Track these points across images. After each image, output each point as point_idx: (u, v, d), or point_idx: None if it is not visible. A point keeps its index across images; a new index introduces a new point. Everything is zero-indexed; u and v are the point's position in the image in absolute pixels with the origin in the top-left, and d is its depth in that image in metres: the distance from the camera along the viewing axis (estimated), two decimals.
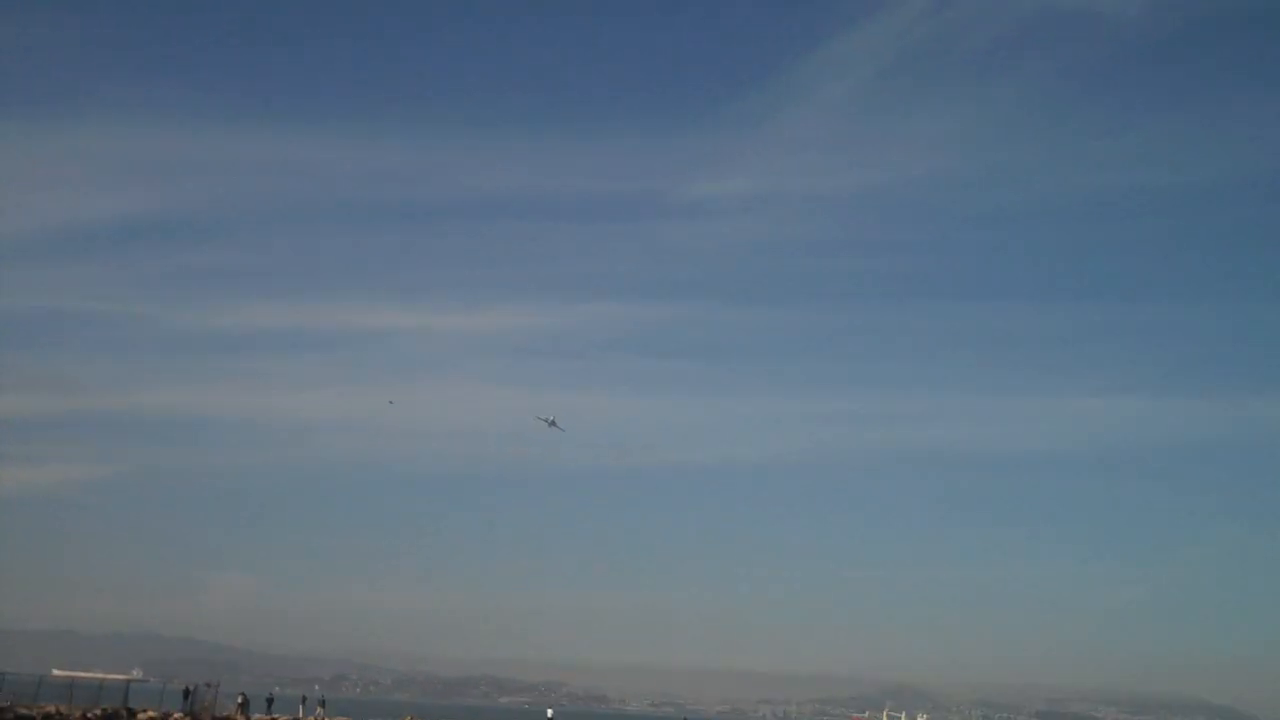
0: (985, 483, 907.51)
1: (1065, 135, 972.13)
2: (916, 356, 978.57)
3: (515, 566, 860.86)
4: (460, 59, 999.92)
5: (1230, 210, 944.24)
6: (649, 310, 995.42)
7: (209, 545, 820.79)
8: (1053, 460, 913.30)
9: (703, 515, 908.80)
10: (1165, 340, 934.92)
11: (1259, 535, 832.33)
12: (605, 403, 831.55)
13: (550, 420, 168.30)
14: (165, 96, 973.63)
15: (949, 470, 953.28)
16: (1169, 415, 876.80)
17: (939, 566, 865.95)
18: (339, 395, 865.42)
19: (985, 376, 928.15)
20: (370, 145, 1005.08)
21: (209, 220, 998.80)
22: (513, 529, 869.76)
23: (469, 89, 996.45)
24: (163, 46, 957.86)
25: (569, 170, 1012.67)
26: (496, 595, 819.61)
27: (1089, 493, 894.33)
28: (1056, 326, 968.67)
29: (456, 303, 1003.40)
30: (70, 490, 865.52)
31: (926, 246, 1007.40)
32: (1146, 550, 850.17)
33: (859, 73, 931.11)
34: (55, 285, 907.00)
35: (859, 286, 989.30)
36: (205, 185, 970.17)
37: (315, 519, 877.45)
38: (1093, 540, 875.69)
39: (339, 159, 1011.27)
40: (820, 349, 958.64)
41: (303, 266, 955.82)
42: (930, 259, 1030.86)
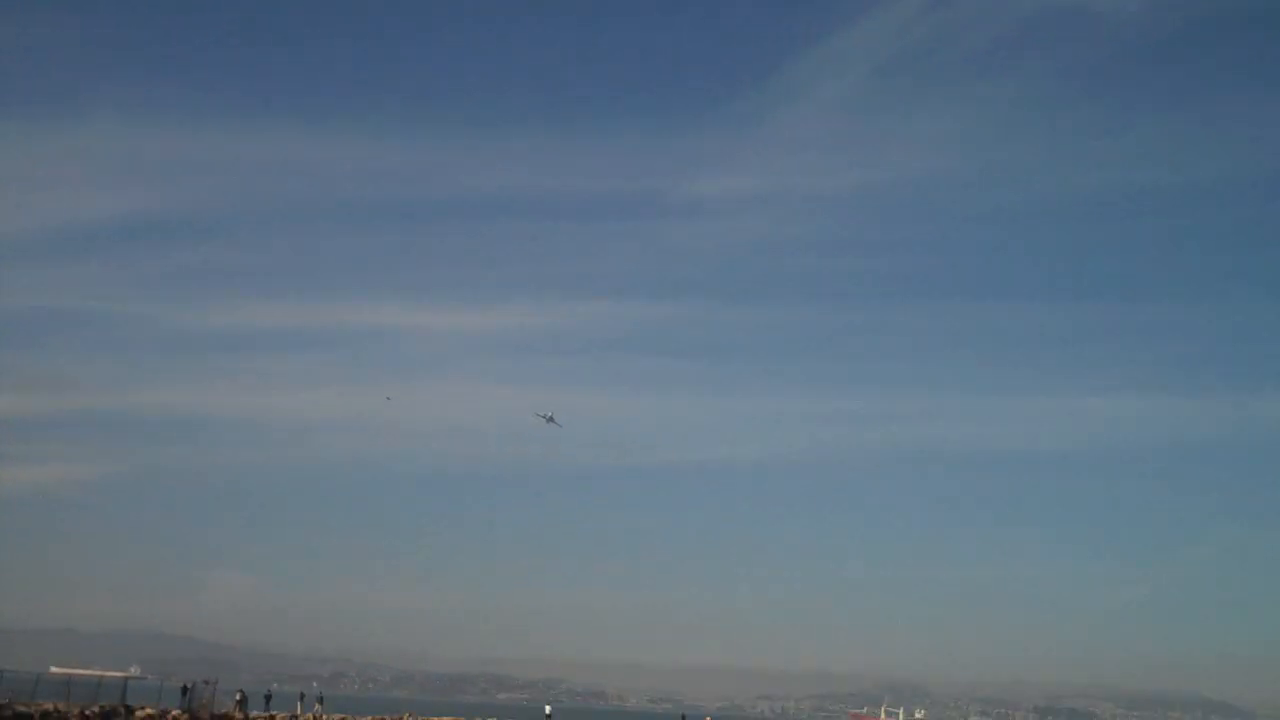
0: (985, 483, 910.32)
1: (1065, 134, 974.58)
2: (916, 356, 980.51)
3: (514, 565, 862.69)
4: (460, 59, 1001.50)
5: (1230, 210, 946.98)
6: (649, 309, 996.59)
7: (208, 544, 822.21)
8: (1053, 460, 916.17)
9: (702, 514, 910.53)
10: (1165, 340, 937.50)
11: (1258, 534, 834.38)
12: (605, 402, 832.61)
13: (549, 417, 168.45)
14: (165, 96, 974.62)
15: (949, 470, 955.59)
16: (1169, 415, 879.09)
17: (939, 565, 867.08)
18: (339, 394, 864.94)
19: (985, 376, 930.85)
20: (370, 145, 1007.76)
21: (209, 220, 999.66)
22: (512, 527, 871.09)
23: (469, 89, 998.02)
24: (163, 46, 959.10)
25: (569, 169, 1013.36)
26: (496, 593, 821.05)
27: (1089, 492, 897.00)
28: (1056, 326, 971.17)
29: (457, 302, 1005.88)
30: (70, 489, 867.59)
31: (926, 246, 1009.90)
32: (1146, 549, 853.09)
33: (858, 71, 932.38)
34: (55, 285, 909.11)
35: (859, 286, 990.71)
36: (205, 185, 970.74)
37: (314, 518, 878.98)
38: (1092, 539, 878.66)
39: (339, 159, 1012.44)
40: (820, 348, 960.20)
41: (303, 266, 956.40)
42: (930, 258, 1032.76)
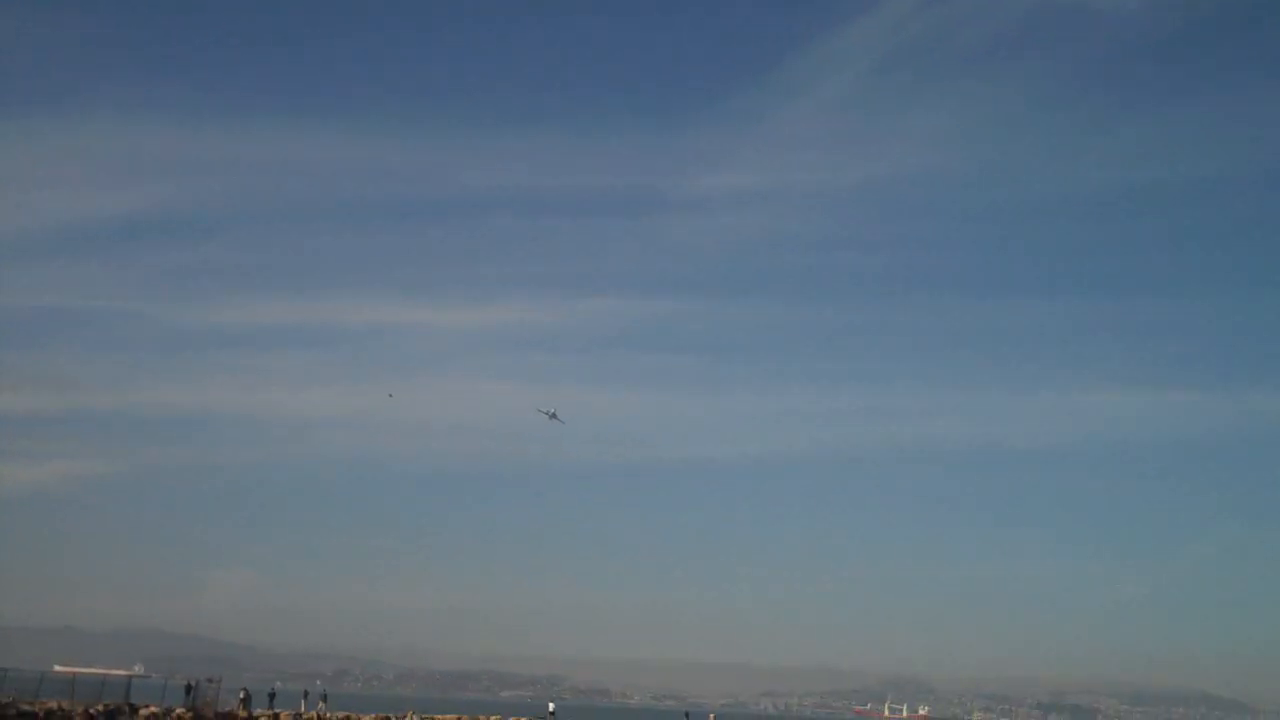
0: (985, 480, 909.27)
1: (1064, 131, 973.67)
2: (916, 353, 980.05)
3: (516, 562, 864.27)
4: (460, 59, 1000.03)
5: (1230, 206, 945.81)
6: (649, 306, 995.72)
7: (210, 542, 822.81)
8: (1053, 457, 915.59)
9: (703, 511, 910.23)
10: (1165, 337, 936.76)
11: (1260, 530, 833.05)
12: (605, 399, 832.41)
13: (551, 413, 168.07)
14: (166, 96, 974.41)
15: (949, 468, 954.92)
16: (1170, 411, 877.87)
17: (940, 563, 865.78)
18: (339, 392, 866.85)
19: (985, 373, 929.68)
20: (370, 145, 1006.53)
21: (209, 218, 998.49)
22: (513, 525, 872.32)
23: (469, 89, 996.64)
24: (163, 46, 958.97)
25: (568, 167, 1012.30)
26: (498, 591, 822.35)
27: (1090, 489, 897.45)
28: (1056, 323, 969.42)
29: (456, 299, 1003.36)
30: (72, 488, 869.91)
31: (926, 243, 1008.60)
32: (1147, 546, 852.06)
33: (858, 69, 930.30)
34: (55, 285, 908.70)
35: (858, 283, 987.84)
36: (206, 184, 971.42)
37: (316, 515, 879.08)
38: (1093, 536, 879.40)
39: (339, 159, 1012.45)
40: (820, 345, 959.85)
41: (303, 264, 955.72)
42: (930, 255, 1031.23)
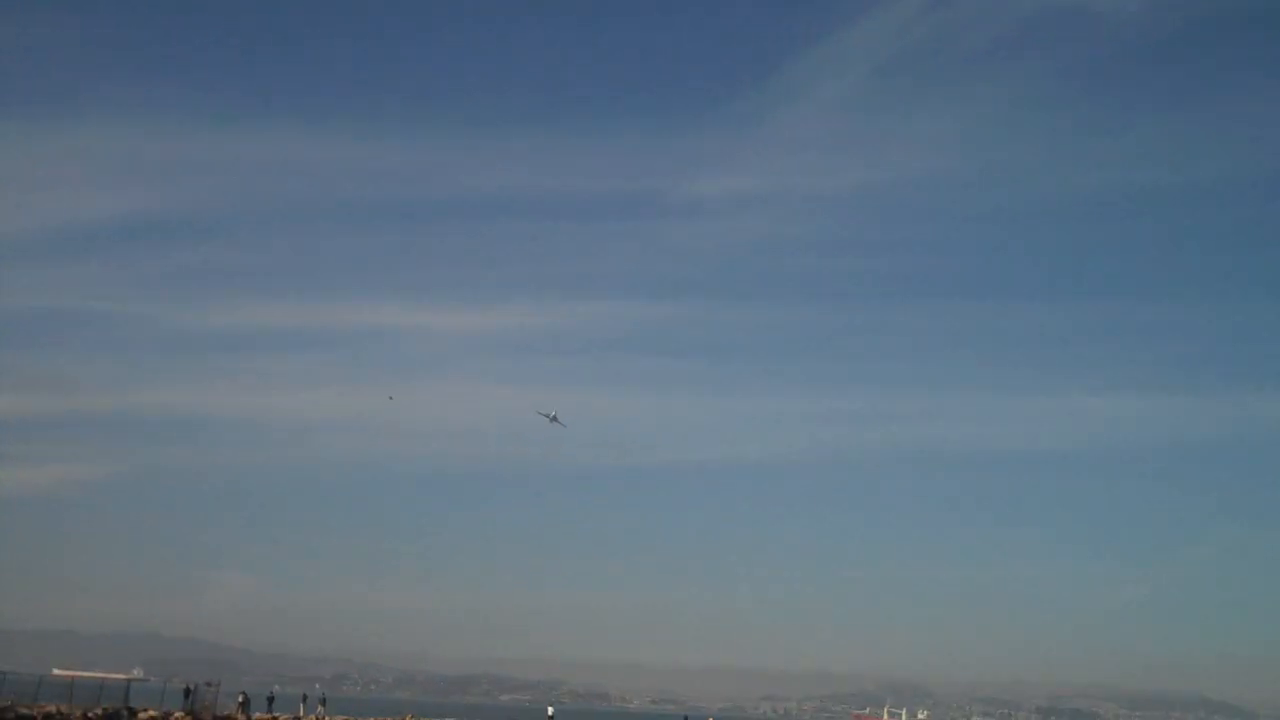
0: (985, 483, 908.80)
1: (1065, 134, 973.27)
2: (916, 356, 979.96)
3: (516, 565, 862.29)
4: (460, 59, 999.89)
5: (1230, 209, 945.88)
6: (649, 309, 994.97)
7: (209, 545, 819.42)
8: (1053, 460, 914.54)
9: (703, 514, 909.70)
10: (1165, 340, 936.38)
11: (1258, 534, 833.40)
12: (605, 402, 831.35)
13: (551, 415, 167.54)
14: (165, 96, 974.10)
15: (949, 470, 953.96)
16: (1169, 414, 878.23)
17: (939, 565, 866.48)
18: (339, 395, 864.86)
19: (985, 376, 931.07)
20: (370, 145, 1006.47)
21: (209, 220, 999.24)
22: (513, 528, 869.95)
23: (469, 89, 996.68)
24: (163, 46, 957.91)
25: (569, 169, 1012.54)
26: (497, 594, 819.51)
27: (1089, 492, 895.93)
28: (1056, 326, 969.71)
29: (457, 302, 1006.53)
30: (70, 490, 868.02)
31: (926, 246, 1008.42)
32: (1146, 549, 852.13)
33: (858, 71, 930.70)
34: (55, 285, 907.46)
35: (859, 285, 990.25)
36: (205, 185, 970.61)
37: (315, 518, 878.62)
38: (1092, 539, 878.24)
39: (339, 159, 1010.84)
40: (820, 348, 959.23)
41: (302, 266, 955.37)
42: (930, 258, 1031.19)
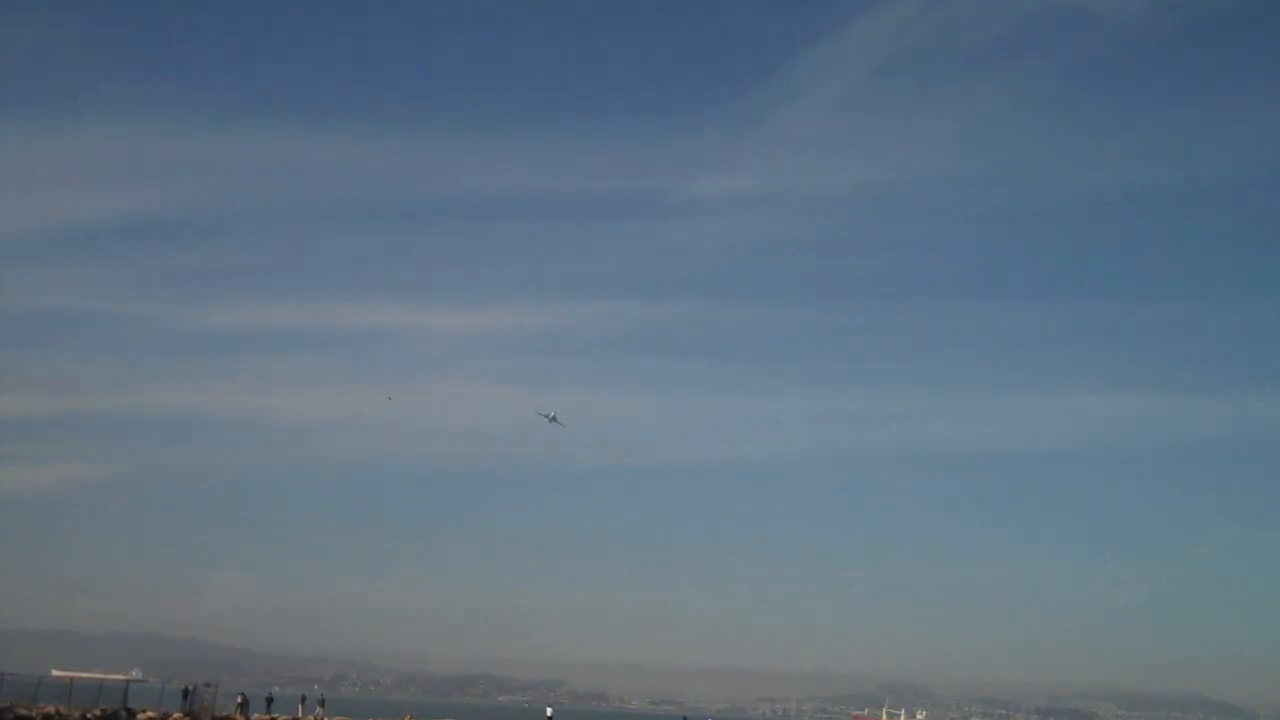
0: (985, 482, 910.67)
1: (1065, 134, 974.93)
2: (916, 356, 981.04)
3: (515, 565, 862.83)
4: (460, 59, 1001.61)
5: (1230, 208, 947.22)
6: (649, 309, 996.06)
7: (208, 545, 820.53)
8: (1053, 459, 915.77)
9: (703, 514, 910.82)
10: (1166, 339, 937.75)
11: (1259, 534, 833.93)
12: (605, 402, 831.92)
13: (551, 416, 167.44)
14: (165, 96, 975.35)
15: (949, 470, 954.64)
16: (1169, 414, 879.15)
17: (939, 565, 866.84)
18: (339, 395, 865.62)
19: (985, 375, 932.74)
20: (370, 145, 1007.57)
21: (209, 220, 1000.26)
22: (513, 528, 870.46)
23: (469, 89, 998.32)
24: (163, 46, 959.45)
25: (569, 169, 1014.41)
26: (496, 594, 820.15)
27: (1089, 492, 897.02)
28: (1056, 325, 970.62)
29: (456, 302, 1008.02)
30: (70, 490, 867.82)
31: (926, 246, 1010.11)
32: (1146, 549, 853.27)
33: (858, 71, 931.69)
34: (55, 285, 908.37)
35: (859, 286, 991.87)
36: (205, 185, 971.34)
37: (315, 518, 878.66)
38: (1092, 539, 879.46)
39: (339, 159, 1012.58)
40: (820, 348, 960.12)
41: (302, 266, 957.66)
42: (930, 258, 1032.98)
